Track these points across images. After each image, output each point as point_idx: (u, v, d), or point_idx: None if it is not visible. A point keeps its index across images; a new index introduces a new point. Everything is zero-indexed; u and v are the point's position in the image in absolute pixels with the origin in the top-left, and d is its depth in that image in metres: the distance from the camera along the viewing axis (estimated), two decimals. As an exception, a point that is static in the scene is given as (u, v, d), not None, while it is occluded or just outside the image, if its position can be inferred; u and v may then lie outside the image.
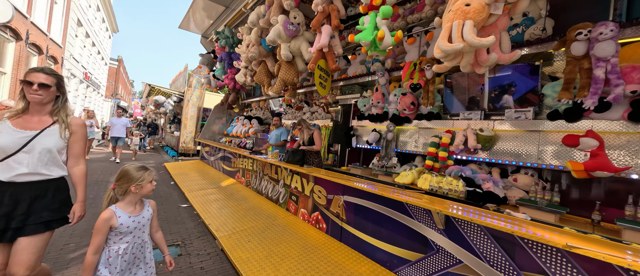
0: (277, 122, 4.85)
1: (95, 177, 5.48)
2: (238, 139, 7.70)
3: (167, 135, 13.73)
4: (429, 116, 3.28)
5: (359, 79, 4.43)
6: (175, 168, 6.95)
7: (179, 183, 5.32)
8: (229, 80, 6.68)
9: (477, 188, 2.52)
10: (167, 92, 10.75)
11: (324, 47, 3.35)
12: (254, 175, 4.77)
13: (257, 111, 8.19)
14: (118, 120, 7.39)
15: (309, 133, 3.72)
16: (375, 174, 3.51)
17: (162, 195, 4.61)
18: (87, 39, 13.27)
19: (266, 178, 4.32)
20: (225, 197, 4.36)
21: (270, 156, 4.02)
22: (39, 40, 7.51)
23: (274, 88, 4.43)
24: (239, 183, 5.35)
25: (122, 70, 31.05)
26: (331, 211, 2.86)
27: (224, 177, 5.94)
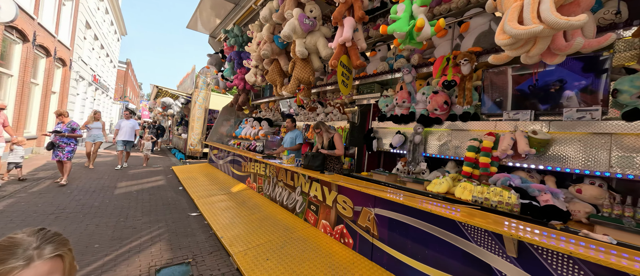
0: (290, 124, 4.54)
1: (102, 182, 5.28)
2: (247, 142, 7.45)
3: (174, 137, 13.62)
4: (465, 116, 2.93)
5: (379, 77, 4.10)
6: (183, 172, 6.72)
7: (188, 189, 5.07)
8: (238, 81, 6.43)
9: (533, 201, 2.16)
10: (174, 93, 10.60)
11: (346, 41, 3.04)
12: (267, 180, 4.48)
13: (267, 113, 7.93)
14: (126, 122, 6.90)
15: (328, 136, 3.40)
16: (402, 181, 3.17)
17: (171, 202, 4.36)
18: (95, 42, 13.27)
19: (281, 185, 4.02)
20: (237, 205, 4.08)
21: (286, 161, 3.72)
22: (46, 42, 7.41)
23: (288, 87, 4.14)
24: (250, 189, 5.07)
25: (130, 73, 31.38)
26: (359, 225, 2.54)
27: (234, 181, 5.67)
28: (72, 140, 4.98)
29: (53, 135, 4.74)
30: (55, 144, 4.76)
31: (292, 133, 4.40)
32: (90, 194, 4.34)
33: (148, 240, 2.82)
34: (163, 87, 10.42)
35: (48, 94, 8.11)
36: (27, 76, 6.56)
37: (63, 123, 4.95)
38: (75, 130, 5.00)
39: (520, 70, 2.60)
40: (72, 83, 10.02)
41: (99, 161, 7.68)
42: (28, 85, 6.63)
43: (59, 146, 4.82)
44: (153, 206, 4.05)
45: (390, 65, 3.94)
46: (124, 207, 3.84)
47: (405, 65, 3.44)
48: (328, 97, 5.76)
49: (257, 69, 5.64)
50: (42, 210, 3.37)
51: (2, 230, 2.74)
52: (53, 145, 4.75)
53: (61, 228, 2.91)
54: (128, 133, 6.91)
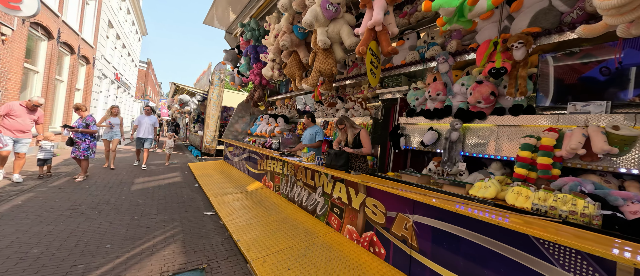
0: (308, 121, 4.27)
1: (120, 177, 5.27)
2: (263, 139, 7.27)
3: (191, 134, 13.80)
4: (516, 109, 2.52)
5: (407, 68, 3.73)
6: (199, 169, 6.65)
7: (203, 186, 4.94)
8: (254, 76, 6.25)
9: (616, 212, 1.75)
10: (191, 90, 10.67)
11: (377, 24, 2.70)
12: (284, 179, 4.23)
13: (282, 109, 7.72)
14: (146, 119, 6.42)
15: (354, 132, 3.08)
16: (437, 183, 2.79)
17: (186, 199, 4.22)
18: (117, 41, 13.69)
19: (299, 184, 3.76)
20: (253, 205, 3.86)
21: (306, 159, 3.45)
22: (70, 40, 7.60)
23: (308, 80, 3.86)
24: (267, 187, 4.86)
25: (150, 73, 32.49)
26: (394, 234, 2.21)
27: (250, 179, 5.49)
28: (87, 136, 4.80)
29: (65, 130, 4.65)
30: (74, 140, 4.70)
31: (311, 130, 4.12)
32: (108, 190, 4.28)
33: (162, 241, 2.64)
34: (181, 84, 10.52)
35: (72, 91, 8.35)
36: (52, 72, 6.73)
37: (80, 118, 4.86)
38: (89, 125, 4.81)
39: (589, 57, 2.16)
40: (95, 81, 10.33)
41: (119, 156, 7.80)
42: (53, 82, 6.81)
43: (75, 142, 4.74)
44: (168, 203, 3.91)
45: (422, 54, 3.56)
46: (139, 204, 3.73)
47: (440, 53, 3.05)
48: (348, 92, 5.43)
49: (274, 63, 5.42)
50: (58, 206, 3.30)
51: (17, 225, 2.66)
52: (72, 141, 4.71)
53: (75, 225, 2.80)
54: (147, 130, 6.45)
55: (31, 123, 4.29)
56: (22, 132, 4.18)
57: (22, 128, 4.18)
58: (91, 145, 4.86)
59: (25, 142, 4.23)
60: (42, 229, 2.62)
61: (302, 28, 4.37)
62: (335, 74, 3.83)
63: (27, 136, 4.26)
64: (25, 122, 4.19)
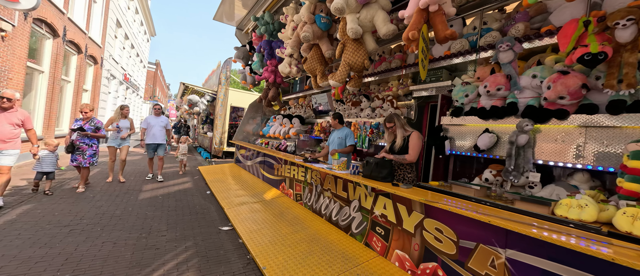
0: (336, 122, 3.77)
1: (127, 184, 4.90)
2: (276, 141, 6.84)
3: (200, 135, 13.52)
4: (617, 106, 1.97)
5: (451, 60, 3.21)
6: (210, 173, 6.25)
7: (216, 194, 4.51)
8: (268, 73, 5.80)
9: None
10: (200, 90, 10.34)
11: (431, 4, 2.19)
12: (308, 188, 3.76)
13: (297, 109, 7.26)
14: (156, 119, 5.30)
15: (403, 135, 2.57)
16: (504, 198, 2.26)
17: (199, 210, 3.80)
18: (126, 41, 13.51)
19: (327, 195, 3.28)
20: (275, 218, 3.40)
21: (336, 166, 2.96)
22: (77, 38, 7.33)
23: (336, 76, 3.37)
24: (286, 196, 4.39)
25: (159, 74, 32.62)
26: (473, 271, 1.70)
27: (265, 186, 5.04)
28: (94, 141, 4.27)
29: (75, 135, 4.01)
30: (76, 146, 4.05)
31: (340, 132, 3.62)
32: (113, 199, 3.90)
33: (173, 268, 2.21)
34: (190, 84, 10.20)
35: (80, 92, 8.10)
36: (58, 72, 6.45)
37: (84, 120, 4.18)
38: (99, 129, 4.29)
39: None
40: (103, 82, 10.10)
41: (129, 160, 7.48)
42: (59, 82, 6.52)
43: (79, 148, 4.08)
44: (179, 216, 3.49)
45: (473, 42, 3.03)
46: (147, 217, 3.32)
47: (503, 39, 2.51)
48: (372, 89, 4.93)
49: (292, 58, 4.95)
50: (57, 221, 2.91)
51: (5, 249, 2.26)
52: (74, 147, 4.08)
53: (73, 246, 2.39)
54: (158, 134, 5.29)
55: (13, 129, 3.18)
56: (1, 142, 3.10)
57: None
58: (97, 151, 4.35)
59: (8, 153, 3.16)
60: (34, 253, 2.22)
61: (326, 17, 3.90)
62: (367, 67, 3.34)
63: (10, 146, 3.16)
64: (2, 129, 3.09)
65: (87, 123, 4.22)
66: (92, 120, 4.29)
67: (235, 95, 10.52)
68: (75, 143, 4.10)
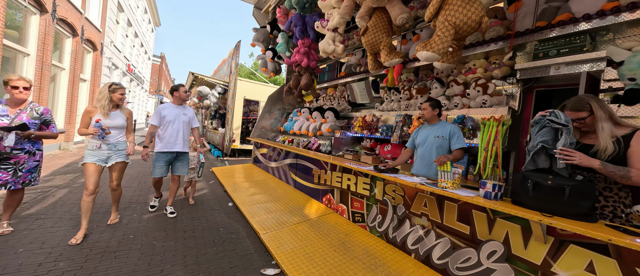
0: (430, 112, 2.42)
1: (127, 193, 3.88)
2: (304, 138, 5.77)
3: (208, 131, 12.53)
4: None
5: (605, 19, 2.10)
6: (226, 177, 5.22)
7: (242, 207, 3.48)
8: (300, 55, 4.70)
9: None
10: (211, 81, 9.30)
11: None
12: (378, 207, 2.68)
13: (326, 101, 6.17)
14: (176, 110, 3.13)
15: (613, 133, 1.43)
16: None
17: (225, 236, 2.75)
18: (129, 28, 12.49)
19: (420, 223, 2.20)
20: (336, 251, 2.35)
21: (450, 183, 1.87)
22: (71, 18, 6.28)
23: (434, 44, 2.24)
24: (334, 212, 3.33)
25: (164, 67, 31.71)
26: None
27: (300, 196, 3.98)
28: (39, 146, 2.44)
29: (8, 137, 2.15)
30: (2, 153, 2.19)
31: (438, 129, 2.40)
32: (103, 218, 2.88)
33: None
34: (200, 75, 9.17)
35: (76, 81, 7.09)
36: (47, 56, 5.44)
37: (17, 106, 2.27)
38: (49, 124, 2.43)
39: None
40: (104, 71, 9.12)
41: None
42: (49, 68, 5.51)
43: (5, 157, 2.22)
44: (200, 245, 2.46)
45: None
46: (155, 249, 2.29)
47: None
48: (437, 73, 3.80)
49: (336, 33, 3.85)
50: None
51: None
52: None
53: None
54: (179, 136, 3.11)
55: None
56: None
57: None
58: (41, 162, 2.48)
59: None
60: None
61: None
62: (485, 28, 2.22)
63: None
64: None
65: (25, 113, 2.28)
66: (33, 108, 2.35)
67: (248, 86, 9.46)
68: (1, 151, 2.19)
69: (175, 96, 3.21)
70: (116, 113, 2.56)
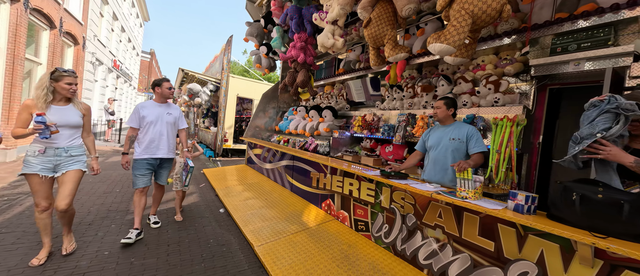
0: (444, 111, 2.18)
1: (110, 198, 3.54)
2: (301, 139, 5.51)
3: (200, 130, 12.11)
4: None
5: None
6: (218, 179, 4.91)
7: (234, 214, 3.19)
8: (296, 50, 4.42)
9: None
10: (202, 78, 8.90)
11: None
12: (384, 216, 2.45)
13: (324, 100, 5.91)
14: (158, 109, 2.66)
15: None
16: None
17: (214, 248, 2.47)
18: (115, 22, 11.89)
19: (430, 234, 1.97)
20: (337, 263, 2.11)
21: (471, 193, 1.64)
22: (47, 8, 5.80)
23: (449, 35, 1.99)
24: (335, 219, 3.09)
25: (154, 64, 30.80)
26: None
27: (297, 200, 3.73)
28: None
29: None
30: None
31: (454, 130, 2.14)
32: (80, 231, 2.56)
33: None
34: (190, 71, 8.75)
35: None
36: (19, 49, 4.98)
37: None
38: None
39: None
40: (87, 67, 8.59)
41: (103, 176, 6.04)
42: (21, 61, 5.05)
43: None
44: (186, 262, 2.17)
45: None
46: (132, 272, 1.98)
47: None
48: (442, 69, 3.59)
49: (336, 26, 3.58)
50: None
51: None
52: None
53: None
54: (163, 140, 2.64)
55: None
56: None
57: None
58: None
59: None
60: None
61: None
62: (506, 17, 1.99)
63: None
64: None
65: None
66: None
67: (241, 83, 9.11)
68: None
69: (157, 92, 2.68)
70: (67, 108, 1.98)
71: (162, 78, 2.71)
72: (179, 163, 3.14)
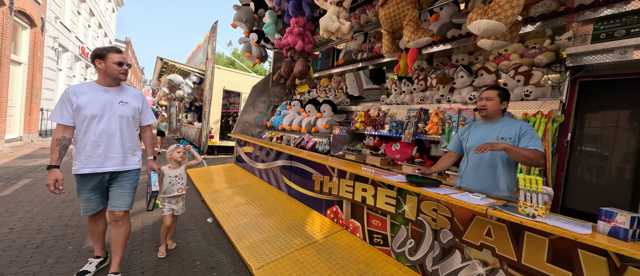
0: (496, 104, 1.76)
1: (53, 209, 2.93)
2: (296, 135, 5.04)
3: (183, 126, 11.27)
4: None
5: None
6: (204, 182, 4.36)
7: (225, 226, 2.71)
8: (293, 37, 3.91)
9: None
10: (184, 69, 8.12)
11: None
12: (408, 229, 2.07)
13: (320, 93, 5.46)
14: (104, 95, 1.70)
15: None
16: None
17: (202, 273, 1.99)
18: (82, 4, 10.64)
19: (474, 255, 1.61)
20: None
21: (541, 209, 1.28)
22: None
23: (501, 11, 1.60)
24: (343, 229, 2.69)
25: (130, 54, 28.71)
26: None
27: (297, 206, 3.30)
28: None
29: None
30: None
31: (504, 126, 1.73)
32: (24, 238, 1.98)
33: None
34: (170, 61, 7.94)
35: (4, 62, 5.63)
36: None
37: None
38: None
39: None
40: (48, 53, 7.55)
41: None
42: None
43: None
44: (165, 297, 1.69)
45: None
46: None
47: None
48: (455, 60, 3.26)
49: (341, 8, 3.14)
50: None
51: None
52: None
53: None
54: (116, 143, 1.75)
55: None
56: None
57: None
58: None
59: None
60: None
61: None
62: None
63: None
64: None
65: None
66: None
67: (228, 75, 8.43)
68: None
69: (99, 69, 1.69)
70: None
71: (107, 47, 1.74)
72: (168, 177, 2.24)
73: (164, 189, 2.24)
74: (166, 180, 2.24)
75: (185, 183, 2.35)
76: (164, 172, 2.23)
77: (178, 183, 2.28)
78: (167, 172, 2.25)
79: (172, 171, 2.27)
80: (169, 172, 2.26)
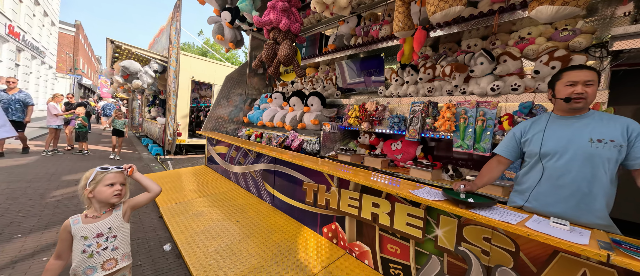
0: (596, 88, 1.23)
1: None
2: (279, 133, 4.34)
3: (145, 121, 9.91)
4: None
5: None
6: (167, 190, 3.52)
7: (190, 258, 2.00)
8: (277, 14, 3.20)
9: None
10: (143, 55, 6.92)
11: None
12: (443, 262, 1.55)
13: (306, 85, 4.80)
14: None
15: None
16: None
17: None
18: (8, -27, 8.71)
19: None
20: None
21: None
22: None
23: None
24: (347, 253, 2.12)
25: (82, 40, 25.30)
26: None
27: (284, 220, 2.67)
28: None
29: None
30: None
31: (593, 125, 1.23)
32: None
33: None
34: (123, 43, 6.69)
35: None
36: None
37: None
38: None
39: None
40: (-44, 30, 5.92)
41: None
42: None
43: None
44: None
45: None
46: None
47: None
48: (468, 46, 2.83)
49: (339, -24, 2.51)
50: None
51: None
52: None
53: None
54: None
55: None
56: None
57: None
58: None
59: None
60: None
61: None
62: None
63: None
64: None
65: None
66: None
67: (197, 64, 7.41)
68: None
69: None
70: None
71: None
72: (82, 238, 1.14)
73: (74, 267, 1.11)
74: (78, 245, 1.12)
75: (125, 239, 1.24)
76: (75, 231, 1.12)
77: (109, 248, 1.17)
78: (80, 230, 1.13)
79: (94, 223, 1.16)
80: (87, 226, 1.15)
